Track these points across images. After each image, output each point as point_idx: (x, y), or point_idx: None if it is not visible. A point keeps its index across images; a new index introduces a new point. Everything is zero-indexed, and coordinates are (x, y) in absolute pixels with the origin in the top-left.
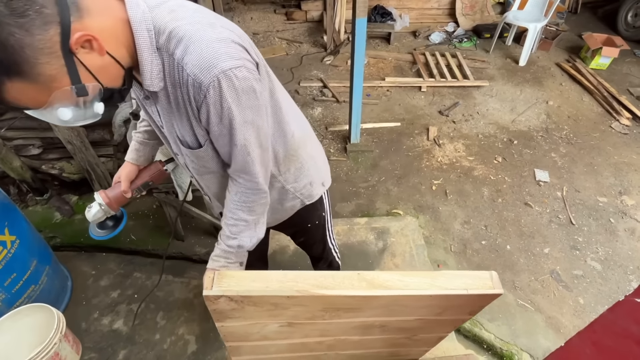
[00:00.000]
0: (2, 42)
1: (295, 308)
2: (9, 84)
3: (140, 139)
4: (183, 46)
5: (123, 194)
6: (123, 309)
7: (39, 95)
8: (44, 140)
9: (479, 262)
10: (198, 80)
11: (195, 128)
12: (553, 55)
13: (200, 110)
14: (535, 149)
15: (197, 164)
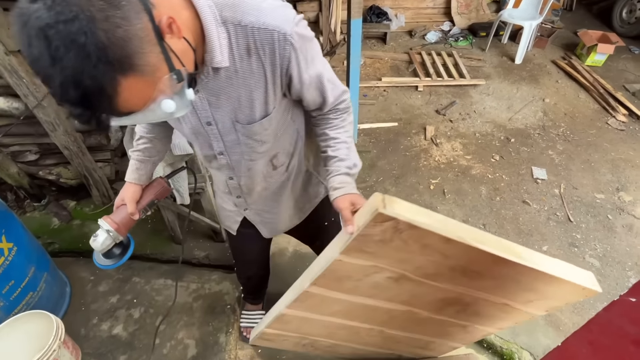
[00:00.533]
0: (112, 36)
1: (432, 257)
2: (124, 83)
3: (140, 157)
4: (255, 9)
5: (130, 216)
6: (122, 314)
7: (146, 89)
8: (41, 146)
9: None
10: (282, 32)
11: (269, 93)
12: (549, 52)
13: (290, 63)
14: (532, 147)
15: (248, 150)
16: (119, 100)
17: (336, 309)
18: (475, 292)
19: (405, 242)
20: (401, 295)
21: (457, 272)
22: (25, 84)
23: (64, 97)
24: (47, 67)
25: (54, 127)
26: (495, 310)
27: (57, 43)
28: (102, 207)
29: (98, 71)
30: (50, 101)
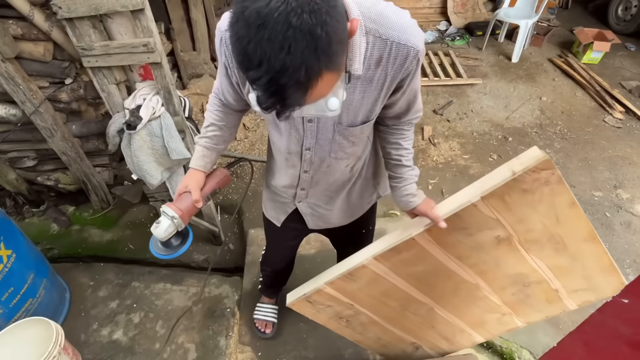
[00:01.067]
0: (335, 32)
1: (546, 220)
2: (325, 77)
3: (208, 144)
4: (398, 26)
5: (194, 204)
6: (122, 319)
7: (330, 85)
8: (39, 152)
9: None
10: (417, 49)
11: (377, 102)
12: (545, 50)
13: (407, 76)
14: (530, 145)
15: (337, 149)
16: (311, 93)
17: (412, 271)
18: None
19: (541, 199)
20: (483, 262)
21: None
22: (22, 90)
23: (271, 84)
24: (270, 52)
25: (51, 132)
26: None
27: (296, 29)
28: (101, 212)
29: (317, 65)
30: (47, 107)
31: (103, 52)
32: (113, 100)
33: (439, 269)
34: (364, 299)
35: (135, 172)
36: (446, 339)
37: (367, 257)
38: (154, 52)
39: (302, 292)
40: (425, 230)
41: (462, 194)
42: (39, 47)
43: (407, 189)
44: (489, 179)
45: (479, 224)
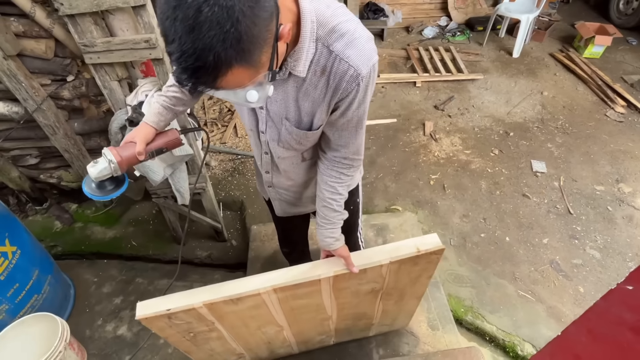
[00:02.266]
0: (249, 31)
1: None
2: (235, 69)
3: (166, 104)
4: (345, 41)
5: (137, 155)
6: (127, 315)
7: (246, 78)
8: (41, 150)
9: (479, 254)
10: (358, 71)
11: (318, 113)
12: (546, 45)
13: (346, 97)
14: (531, 140)
15: (291, 142)
16: (222, 81)
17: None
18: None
19: (418, 270)
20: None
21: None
22: (24, 88)
23: (181, 62)
24: (181, 31)
25: (54, 130)
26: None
27: (206, 18)
28: (103, 210)
29: (224, 55)
30: (49, 105)
31: (105, 48)
32: (115, 97)
33: (315, 304)
34: (231, 320)
35: (138, 169)
36: (270, 350)
37: (266, 287)
38: (155, 48)
39: (164, 306)
40: (333, 275)
41: (373, 253)
42: (41, 44)
43: (332, 232)
44: (398, 249)
45: (372, 278)
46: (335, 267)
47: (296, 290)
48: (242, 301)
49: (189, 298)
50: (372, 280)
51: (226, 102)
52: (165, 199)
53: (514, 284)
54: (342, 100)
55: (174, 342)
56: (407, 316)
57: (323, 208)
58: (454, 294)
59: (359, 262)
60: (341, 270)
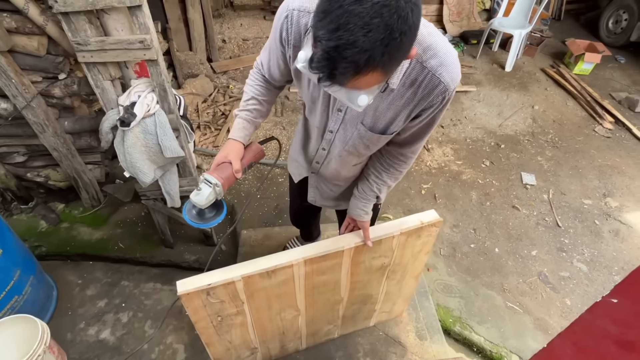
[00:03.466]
0: (404, 45)
1: None
2: (375, 73)
3: (248, 117)
4: (439, 59)
5: (235, 173)
6: (110, 319)
7: (373, 83)
8: (29, 148)
9: (468, 265)
10: (446, 87)
11: (397, 120)
12: (538, 60)
13: (430, 109)
14: (522, 153)
15: (359, 145)
16: (358, 79)
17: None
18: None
19: (419, 243)
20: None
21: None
22: (14, 84)
23: (340, 50)
24: (354, 25)
25: (43, 128)
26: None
27: (381, 22)
28: (91, 210)
29: (378, 58)
30: (39, 102)
31: (98, 47)
32: (107, 97)
33: (334, 281)
34: (259, 299)
35: (127, 170)
36: (282, 344)
37: (298, 258)
38: (150, 49)
39: (205, 281)
40: (354, 246)
41: (384, 227)
42: (33, 41)
43: (365, 206)
44: (404, 223)
45: (383, 251)
46: (355, 239)
47: (322, 263)
48: (275, 274)
49: (228, 273)
50: (383, 255)
51: (220, 106)
52: (155, 201)
53: (502, 295)
54: (425, 109)
55: (201, 328)
56: (405, 301)
57: (364, 185)
58: (442, 304)
59: (374, 234)
60: (360, 241)
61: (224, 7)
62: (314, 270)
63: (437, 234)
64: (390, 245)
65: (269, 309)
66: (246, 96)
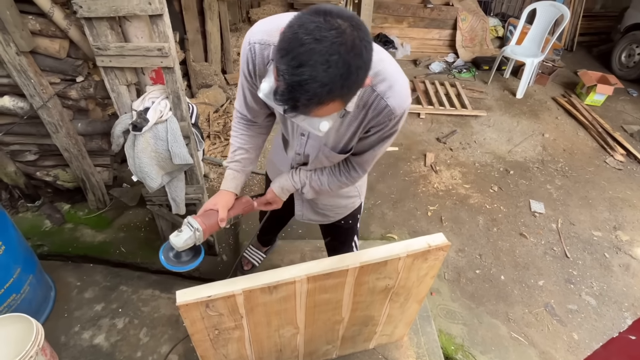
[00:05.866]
0: (360, 80)
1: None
2: (334, 103)
3: (238, 167)
4: (387, 84)
5: (220, 222)
6: (105, 324)
7: (333, 111)
8: (41, 147)
9: (473, 291)
10: (393, 110)
11: (354, 139)
12: (549, 89)
13: (377, 127)
14: (531, 180)
15: (324, 161)
16: (319, 108)
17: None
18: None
19: (426, 267)
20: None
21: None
22: (33, 84)
23: (303, 84)
24: (316, 62)
25: (56, 128)
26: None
27: (339, 59)
28: (96, 212)
29: (338, 92)
30: (55, 103)
31: (117, 53)
32: (122, 101)
33: (335, 301)
34: (259, 314)
35: (135, 174)
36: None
37: (301, 275)
38: (167, 57)
39: (205, 292)
40: (359, 266)
41: (391, 248)
42: (55, 43)
43: (286, 183)
44: (411, 245)
45: (388, 272)
46: (361, 258)
47: (325, 281)
48: (277, 290)
49: (229, 286)
50: (387, 276)
51: (231, 117)
52: (160, 206)
53: (507, 324)
54: (374, 127)
55: (197, 341)
56: (406, 325)
57: (302, 170)
58: (445, 330)
59: (381, 255)
60: (366, 261)
61: (241, 22)
62: (316, 288)
63: (444, 258)
64: (396, 267)
65: (267, 325)
66: (232, 147)
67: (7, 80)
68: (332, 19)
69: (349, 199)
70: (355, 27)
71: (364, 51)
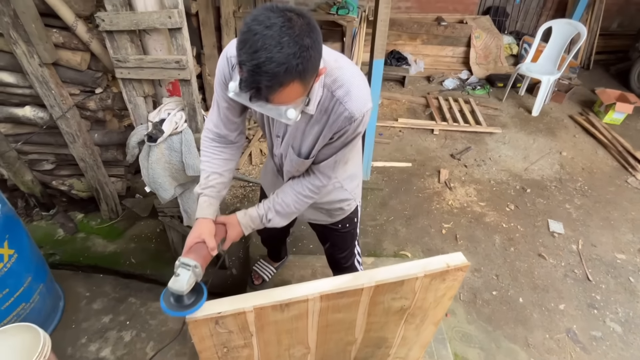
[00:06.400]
0: (312, 58)
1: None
2: (293, 85)
3: (212, 193)
4: (345, 89)
5: (211, 251)
6: (112, 336)
7: (294, 96)
8: (58, 157)
9: (489, 313)
10: (351, 114)
11: (316, 144)
12: (566, 107)
13: (338, 132)
14: (548, 199)
15: (291, 168)
16: (280, 94)
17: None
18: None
19: (444, 287)
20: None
21: None
22: (54, 95)
23: (262, 65)
24: (269, 44)
25: (74, 138)
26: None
27: (290, 40)
28: (108, 222)
29: (294, 70)
30: (74, 113)
31: (136, 65)
32: (138, 112)
33: (349, 321)
34: (269, 332)
35: (149, 185)
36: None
37: (314, 293)
38: (185, 70)
39: (215, 308)
40: (375, 285)
41: (408, 267)
42: (77, 56)
43: (242, 213)
44: (429, 264)
45: (405, 292)
46: (377, 277)
47: (339, 300)
48: (289, 308)
49: (239, 302)
50: (404, 296)
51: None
52: (172, 218)
53: (526, 350)
54: (337, 133)
55: (205, 358)
56: (421, 348)
57: (267, 202)
58: (460, 354)
59: (397, 274)
60: (382, 280)
61: None
62: (329, 306)
63: (462, 278)
64: (413, 287)
65: (278, 344)
66: (205, 174)
67: (30, 90)
68: (280, 10)
69: (342, 202)
70: (301, 15)
71: (312, 33)
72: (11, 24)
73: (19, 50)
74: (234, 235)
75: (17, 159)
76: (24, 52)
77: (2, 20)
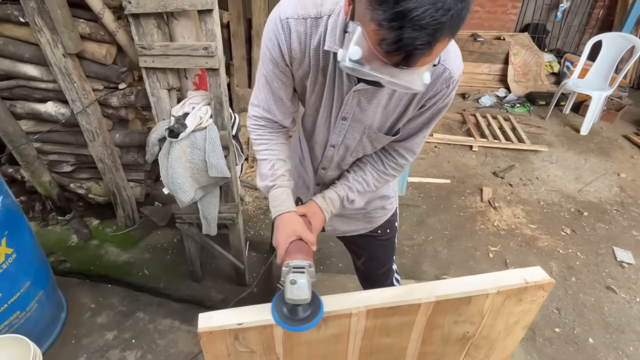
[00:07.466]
0: (465, 15)
1: None
2: (445, 40)
3: (285, 182)
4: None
5: (312, 246)
6: (115, 356)
7: (435, 55)
8: (78, 158)
9: (553, 354)
10: (451, 74)
11: (405, 115)
12: (618, 126)
13: (434, 99)
14: (611, 224)
15: (360, 149)
16: (434, 47)
17: None
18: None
19: (518, 312)
20: None
21: None
22: (76, 88)
23: (433, 13)
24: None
25: (93, 136)
26: None
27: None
28: (124, 230)
29: (458, 14)
30: (95, 109)
31: (161, 52)
32: (161, 106)
33: (398, 348)
34: (300, 356)
35: (167, 186)
36: None
37: (359, 306)
38: (213, 57)
39: (236, 318)
40: (435, 301)
41: (476, 280)
42: (102, 48)
43: (320, 198)
44: (502, 279)
45: (470, 314)
46: (437, 292)
47: (390, 318)
48: (326, 324)
49: (266, 313)
50: (469, 320)
51: None
52: (190, 225)
53: None
54: (431, 99)
55: None
56: None
57: (341, 185)
58: None
59: (463, 288)
60: (444, 295)
61: None
62: (376, 327)
63: (542, 301)
64: (481, 307)
65: None
66: (268, 163)
67: (53, 85)
68: None
69: (384, 200)
70: None
71: None
72: (37, 10)
73: (44, 39)
74: (319, 225)
75: (37, 159)
76: (49, 40)
77: (28, 5)
